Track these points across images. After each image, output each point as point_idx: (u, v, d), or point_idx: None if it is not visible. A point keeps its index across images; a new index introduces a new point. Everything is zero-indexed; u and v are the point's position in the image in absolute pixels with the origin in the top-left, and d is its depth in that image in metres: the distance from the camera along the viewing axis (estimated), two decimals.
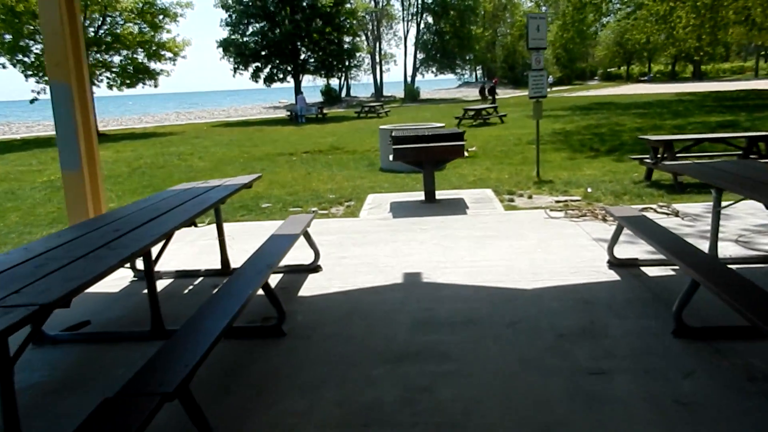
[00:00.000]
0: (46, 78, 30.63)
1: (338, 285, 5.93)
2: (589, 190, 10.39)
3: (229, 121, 39.92)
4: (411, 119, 32.77)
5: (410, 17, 71.96)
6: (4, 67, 30.24)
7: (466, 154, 9.49)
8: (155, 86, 33.39)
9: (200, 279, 6.49)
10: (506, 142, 19.38)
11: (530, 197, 10.18)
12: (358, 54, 50.28)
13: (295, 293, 5.78)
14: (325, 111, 38.57)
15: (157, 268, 6.72)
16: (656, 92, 47.52)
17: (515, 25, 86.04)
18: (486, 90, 41.19)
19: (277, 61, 43.63)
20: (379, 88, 66.66)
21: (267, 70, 44.28)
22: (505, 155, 16.17)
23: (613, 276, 5.80)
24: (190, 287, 6.20)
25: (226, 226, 8.86)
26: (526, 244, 7.02)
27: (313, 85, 57.73)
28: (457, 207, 9.41)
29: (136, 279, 6.56)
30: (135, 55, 32.39)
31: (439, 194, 10.48)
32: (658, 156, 10.46)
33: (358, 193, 11.29)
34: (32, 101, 30.97)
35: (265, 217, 9.55)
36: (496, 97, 40.40)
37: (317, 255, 6.45)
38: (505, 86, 79.38)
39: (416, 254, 6.83)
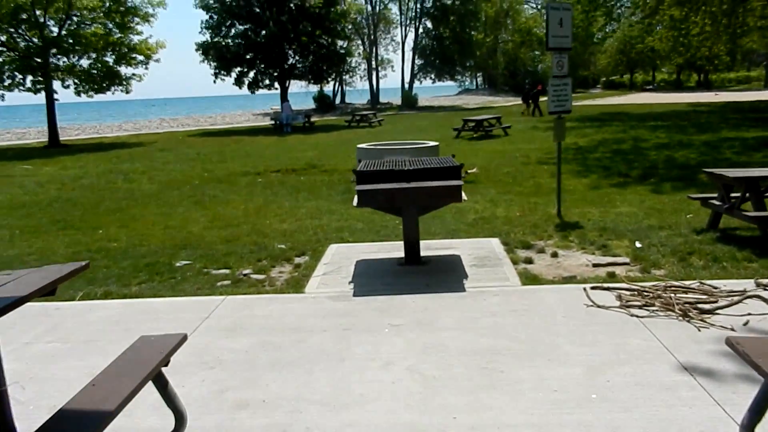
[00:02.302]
0: (6, 84, 27.76)
1: None
2: (639, 245, 7.39)
3: (211, 129, 36.91)
4: (405, 129, 29.86)
5: (408, 21, 68.98)
6: None
7: (464, 197, 6.53)
8: (126, 92, 30.31)
9: None
10: (513, 160, 16.42)
11: (555, 255, 7.18)
12: (349, 59, 47.11)
13: None
14: (313, 119, 35.53)
15: None
16: (667, 102, 44.61)
17: (517, 31, 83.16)
18: (530, 97, 37.40)
19: (263, 66, 40.34)
20: (375, 94, 63.67)
21: (251, 75, 41.10)
22: (513, 179, 13.20)
23: None
24: None
25: (107, 303, 5.80)
26: (566, 377, 4.02)
27: (305, 92, 54.63)
28: (451, 275, 6.41)
29: None
30: (105, 59, 29.36)
31: (426, 246, 7.51)
32: (733, 198, 7.47)
33: (319, 240, 8.31)
34: None
35: (170, 287, 6.54)
36: (540, 103, 36.63)
37: (180, 420, 3.45)
38: (507, 93, 76.54)
39: (372, 401, 3.83)
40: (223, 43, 39.82)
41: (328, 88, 58.57)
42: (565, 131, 9.60)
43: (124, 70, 29.82)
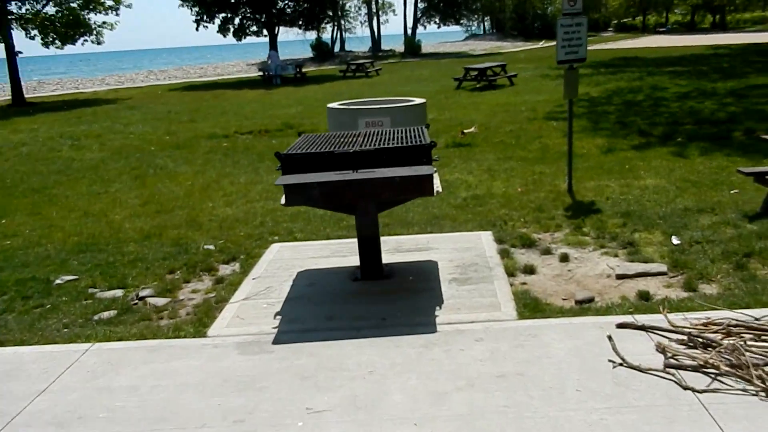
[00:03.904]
0: None
1: None
2: (676, 241, 5.53)
3: (197, 82, 34.61)
4: (404, 79, 27.73)
5: None
6: None
7: (437, 188, 4.67)
8: (98, 42, 28.00)
9: None
10: (517, 115, 14.42)
11: (565, 258, 5.34)
12: (342, 2, 44.03)
13: None
14: (306, 70, 33.27)
15: None
16: (683, 45, 41.84)
17: None
18: None
19: (248, 11, 37.43)
20: (376, 41, 60.73)
21: (237, 21, 38.16)
22: (517, 140, 11.27)
23: None
24: None
25: None
26: None
27: (302, 39, 51.92)
28: (419, 300, 4.59)
29: None
30: (71, 5, 26.90)
31: (395, 246, 5.71)
32: None
33: (261, 236, 6.50)
34: None
35: (27, 324, 4.74)
36: None
37: None
38: (515, 38, 73.47)
39: None
40: None
41: (327, 35, 55.87)
42: (578, 85, 7.64)
43: (94, 17, 27.50)
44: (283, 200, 4.54)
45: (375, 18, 61.16)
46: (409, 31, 64.08)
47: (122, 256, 6.14)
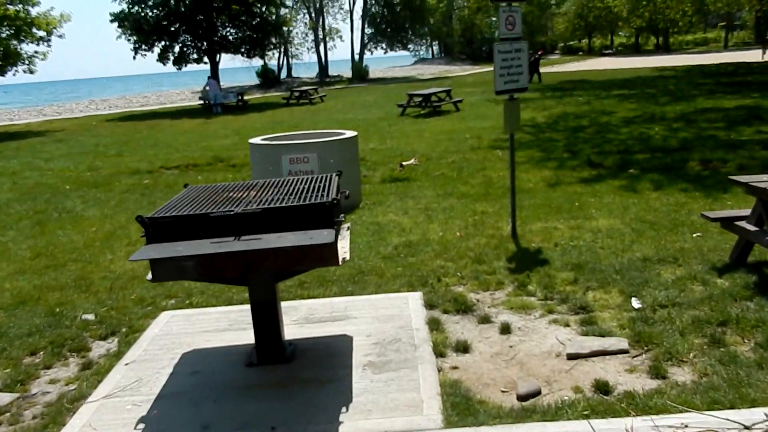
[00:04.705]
0: None
1: None
2: (637, 305, 4.72)
3: (137, 111, 33.25)
4: (349, 106, 26.96)
5: None
6: None
7: (344, 256, 3.77)
8: (30, 72, 26.70)
9: None
10: (461, 143, 13.69)
11: (505, 329, 4.46)
12: (285, 28, 43.06)
13: None
14: (248, 97, 32.22)
15: None
16: (629, 67, 42.16)
17: None
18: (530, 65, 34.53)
19: (189, 39, 36.19)
20: (324, 67, 60.07)
21: (177, 49, 36.79)
22: (458, 173, 10.49)
23: None
24: None
25: None
26: None
27: (248, 66, 50.92)
28: (323, 396, 3.65)
29: None
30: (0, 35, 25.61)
31: (305, 314, 4.77)
32: None
33: (153, 300, 5.51)
34: None
35: None
36: (540, 71, 33.62)
37: None
38: (464, 62, 73.74)
39: None
40: (142, 13, 35.41)
41: (274, 61, 54.97)
42: (519, 117, 6.86)
43: (26, 47, 26.18)
44: (149, 276, 3.58)
45: (322, 44, 60.56)
46: (357, 57, 63.71)
47: None
